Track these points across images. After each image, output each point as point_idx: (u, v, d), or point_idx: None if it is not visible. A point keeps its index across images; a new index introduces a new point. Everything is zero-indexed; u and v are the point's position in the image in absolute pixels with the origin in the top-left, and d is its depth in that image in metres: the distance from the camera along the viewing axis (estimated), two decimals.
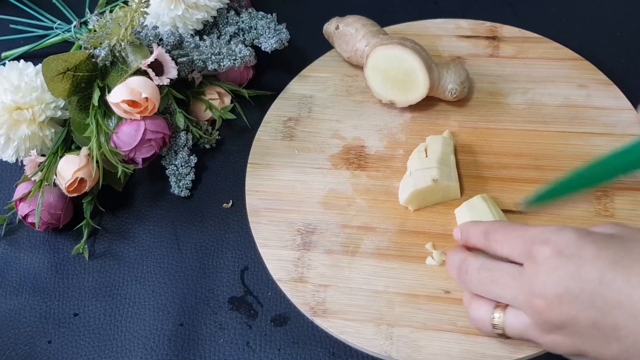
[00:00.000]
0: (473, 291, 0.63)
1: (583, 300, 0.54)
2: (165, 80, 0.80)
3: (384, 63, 0.81)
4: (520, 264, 0.59)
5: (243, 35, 0.89)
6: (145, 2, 0.78)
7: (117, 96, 0.77)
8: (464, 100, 0.85)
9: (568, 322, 0.55)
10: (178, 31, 0.85)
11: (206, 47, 0.84)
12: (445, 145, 0.78)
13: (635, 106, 0.82)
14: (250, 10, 0.90)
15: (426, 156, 0.77)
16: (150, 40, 0.82)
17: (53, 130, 0.82)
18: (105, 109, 0.80)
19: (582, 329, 0.55)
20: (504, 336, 0.62)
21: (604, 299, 0.54)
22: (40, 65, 0.78)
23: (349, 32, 0.86)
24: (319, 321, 0.72)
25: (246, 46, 0.85)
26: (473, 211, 0.73)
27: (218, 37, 0.88)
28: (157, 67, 0.80)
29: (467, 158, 0.81)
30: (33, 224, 0.79)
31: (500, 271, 0.60)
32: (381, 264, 0.74)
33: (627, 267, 0.54)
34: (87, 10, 0.97)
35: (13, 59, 0.93)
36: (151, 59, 0.79)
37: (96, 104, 0.79)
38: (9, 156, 0.81)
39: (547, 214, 0.75)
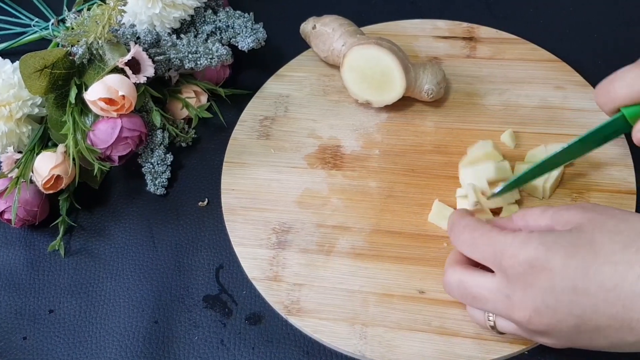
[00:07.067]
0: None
1: (561, 311, 0.55)
2: (142, 79, 0.80)
3: (360, 63, 0.82)
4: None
5: (220, 34, 0.89)
6: (122, 0, 0.78)
7: (94, 94, 0.76)
8: (440, 101, 0.85)
9: (551, 330, 0.56)
10: (155, 29, 0.85)
11: (183, 45, 0.84)
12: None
13: None
14: (228, 9, 0.90)
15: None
16: (127, 38, 0.81)
17: (30, 127, 0.82)
18: (82, 107, 0.80)
19: (567, 334, 0.56)
20: (498, 332, 0.63)
21: (581, 306, 0.54)
22: (17, 62, 0.78)
23: (325, 31, 0.86)
24: (293, 320, 0.72)
25: (223, 45, 0.85)
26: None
27: (195, 36, 0.88)
28: (134, 65, 0.80)
29: (443, 159, 0.81)
30: (9, 221, 0.79)
31: (477, 287, 0.60)
32: (356, 263, 0.74)
33: (598, 272, 0.54)
34: (65, 8, 0.97)
35: None
36: (128, 57, 0.79)
37: (73, 101, 0.79)
38: None
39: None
